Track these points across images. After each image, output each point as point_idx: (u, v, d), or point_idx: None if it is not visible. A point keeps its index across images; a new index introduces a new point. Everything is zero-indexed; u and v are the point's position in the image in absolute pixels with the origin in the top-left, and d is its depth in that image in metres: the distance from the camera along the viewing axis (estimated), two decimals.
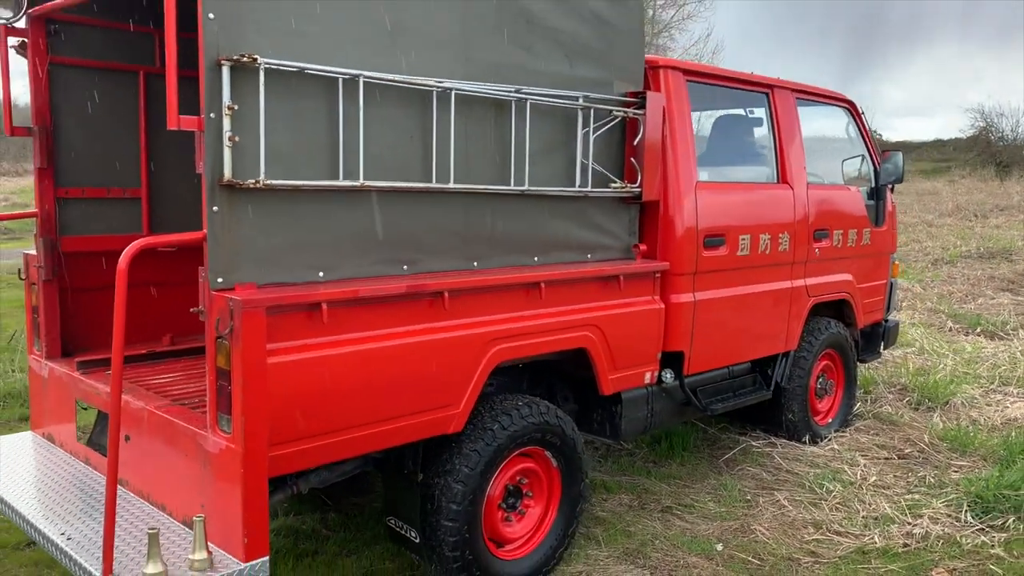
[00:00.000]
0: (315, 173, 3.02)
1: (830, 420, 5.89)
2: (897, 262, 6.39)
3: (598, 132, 4.00)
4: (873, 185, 6.03)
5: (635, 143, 4.15)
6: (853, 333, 6.00)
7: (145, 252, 3.61)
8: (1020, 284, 12.88)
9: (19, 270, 4.10)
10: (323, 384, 2.99)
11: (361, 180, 3.09)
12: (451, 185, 3.40)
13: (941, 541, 4.31)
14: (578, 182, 3.94)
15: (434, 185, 3.36)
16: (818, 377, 5.74)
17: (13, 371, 7.06)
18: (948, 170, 37.42)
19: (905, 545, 4.29)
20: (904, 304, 11.16)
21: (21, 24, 3.81)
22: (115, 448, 2.76)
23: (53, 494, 3.49)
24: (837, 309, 5.90)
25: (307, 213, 3.02)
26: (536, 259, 3.85)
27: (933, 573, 4.05)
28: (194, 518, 2.83)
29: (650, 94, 4.13)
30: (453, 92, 3.35)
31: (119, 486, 3.43)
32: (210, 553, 2.85)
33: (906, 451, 5.55)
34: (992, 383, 7.17)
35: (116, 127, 4.15)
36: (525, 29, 3.66)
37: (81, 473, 3.69)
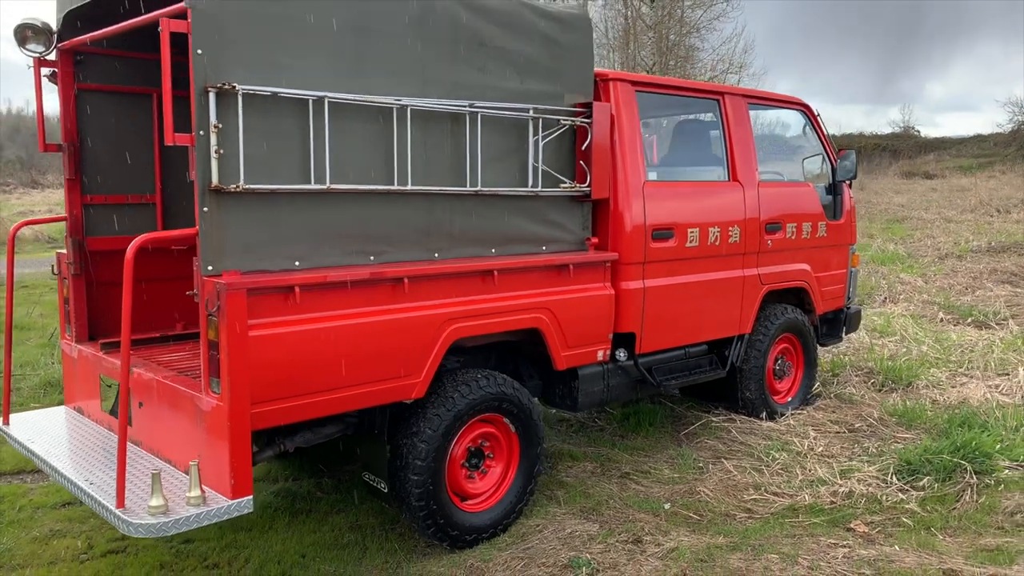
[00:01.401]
0: (289, 178, 3.62)
1: (790, 399, 6.38)
2: (856, 253, 6.85)
3: (548, 139, 4.56)
4: (831, 181, 6.51)
5: (584, 148, 4.71)
6: (812, 319, 6.49)
7: (160, 251, 4.30)
8: (1022, 276, 13.15)
9: (52, 266, 4.77)
10: (297, 353, 3.59)
11: (327, 183, 3.70)
12: (410, 187, 3.99)
13: (864, 499, 4.81)
14: (530, 183, 4.50)
15: (395, 187, 3.95)
16: (776, 359, 6.24)
17: (53, 363, 7.80)
18: (989, 165, 37.19)
19: (831, 502, 4.79)
20: (901, 297, 11.53)
21: (52, 57, 4.47)
22: (125, 405, 3.40)
23: (81, 454, 4.14)
24: (797, 296, 6.39)
25: (283, 212, 3.62)
26: (494, 251, 4.42)
27: (852, 525, 4.55)
28: (190, 463, 3.45)
29: (596, 104, 4.68)
30: (409, 108, 3.94)
31: (135, 446, 4.10)
32: (203, 492, 3.46)
33: (856, 425, 6.03)
34: (961, 367, 7.58)
35: (133, 142, 4.79)
36: (478, 52, 4.23)
37: (104, 437, 4.33)
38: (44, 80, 4.52)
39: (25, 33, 4.36)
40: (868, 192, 28.08)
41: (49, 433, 4.45)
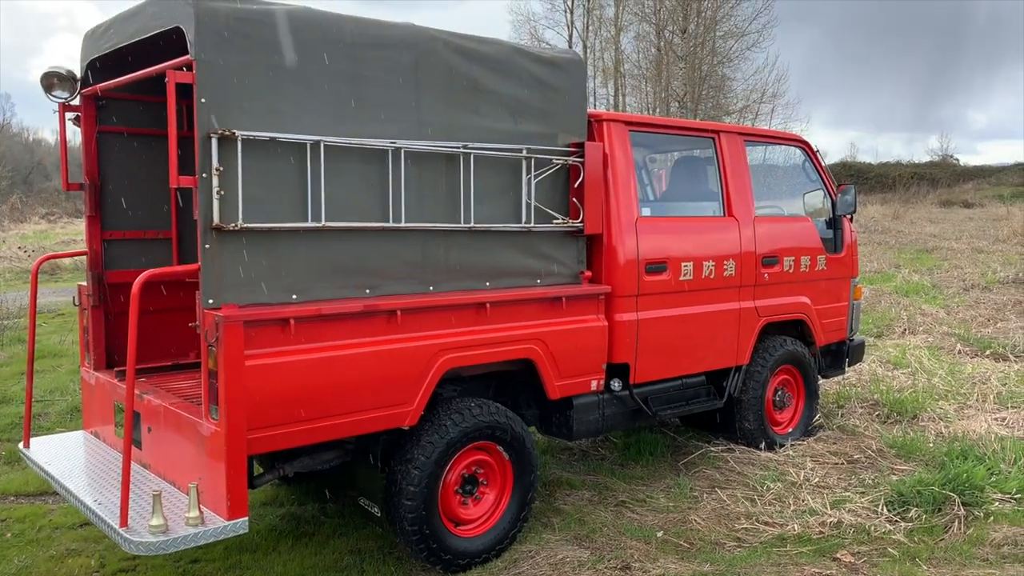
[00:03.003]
0: (287, 217, 3.85)
1: (791, 430, 6.46)
2: (859, 285, 6.93)
3: (541, 177, 4.76)
4: (831, 216, 6.63)
5: (576, 185, 4.90)
6: (814, 351, 6.58)
7: (175, 284, 4.55)
8: None
9: (73, 298, 5.05)
10: (292, 382, 3.80)
11: (323, 221, 3.92)
12: (404, 224, 4.20)
13: (853, 529, 4.88)
14: (524, 219, 4.70)
15: (389, 224, 4.16)
16: (776, 390, 6.34)
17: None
18: None
19: (820, 533, 4.87)
20: (920, 328, 11.50)
21: (76, 102, 4.78)
22: (129, 431, 3.63)
23: (95, 476, 4.37)
24: (798, 328, 6.49)
25: (280, 248, 3.85)
26: (488, 284, 4.61)
27: (838, 555, 4.62)
28: (189, 485, 3.66)
29: (588, 144, 4.87)
30: (403, 151, 4.16)
31: (144, 468, 4.33)
32: (202, 512, 3.67)
33: (855, 457, 6.09)
34: (970, 400, 7.59)
35: (151, 181, 5.06)
36: (472, 96, 4.45)
37: (118, 460, 4.55)
38: (68, 123, 4.83)
39: (51, 81, 4.67)
40: (902, 222, 27.89)
41: (66, 456, 4.69)
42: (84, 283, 4.97)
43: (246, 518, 3.72)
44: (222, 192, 3.63)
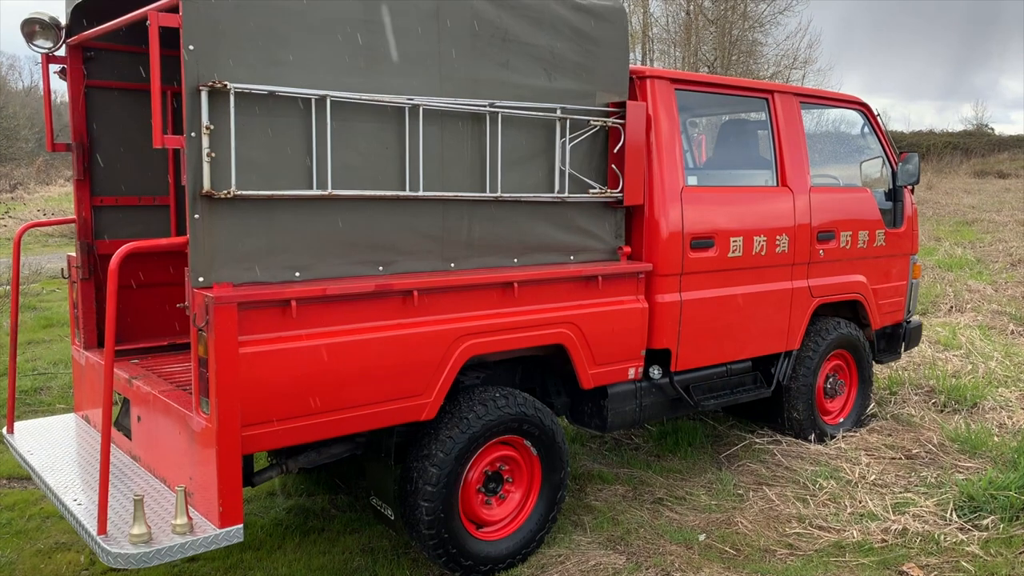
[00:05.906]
0: (290, 183, 3.37)
1: (842, 420, 5.95)
2: (918, 263, 6.37)
3: (577, 140, 4.24)
4: (891, 187, 6.05)
5: (616, 150, 4.37)
6: (868, 334, 6.04)
7: (173, 253, 4.09)
8: None
9: (62, 270, 4.61)
10: (294, 372, 3.34)
11: (329, 189, 3.43)
12: (422, 193, 3.71)
13: (919, 538, 4.38)
14: (557, 188, 4.19)
15: (405, 192, 3.67)
16: (827, 377, 5.82)
17: None
18: None
19: (883, 541, 4.38)
20: (968, 306, 10.89)
21: (61, 52, 4.30)
22: (107, 423, 3.19)
23: (80, 468, 3.96)
24: (852, 310, 5.96)
25: (281, 219, 3.37)
26: (516, 260, 4.12)
27: (905, 567, 4.14)
28: (176, 488, 3.23)
29: (630, 104, 4.34)
30: (422, 108, 3.66)
31: (133, 461, 3.91)
32: (191, 519, 3.24)
33: (914, 451, 5.57)
34: None
35: (145, 141, 4.57)
36: (500, 47, 3.93)
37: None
38: (53, 76, 4.36)
39: (33, 28, 4.19)
40: (937, 192, 27.05)
41: (52, 444, 4.29)
42: (74, 254, 4.53)
43: (240, 526, 3.28)
44: (213, 154, 3.16)
